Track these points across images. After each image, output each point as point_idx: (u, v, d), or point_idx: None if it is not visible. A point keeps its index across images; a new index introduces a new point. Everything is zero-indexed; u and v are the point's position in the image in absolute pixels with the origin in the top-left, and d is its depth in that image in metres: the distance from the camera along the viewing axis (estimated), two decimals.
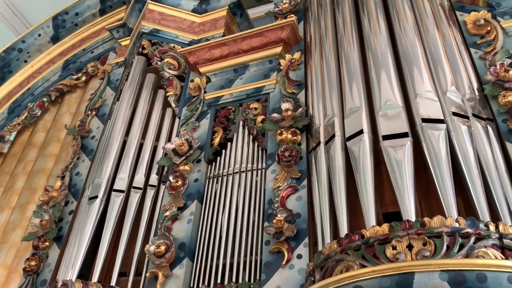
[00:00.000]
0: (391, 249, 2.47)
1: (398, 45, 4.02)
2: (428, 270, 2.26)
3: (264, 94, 4.50)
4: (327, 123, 3.72)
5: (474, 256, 2.30)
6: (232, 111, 4.58)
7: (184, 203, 3.98)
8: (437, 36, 3.93)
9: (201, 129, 4.54)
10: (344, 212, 3.10)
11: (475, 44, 3.85)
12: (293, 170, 3.68)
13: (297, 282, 3.11)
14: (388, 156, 3.16)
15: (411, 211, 2.85)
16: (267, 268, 3.27)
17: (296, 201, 3.52)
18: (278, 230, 3.31)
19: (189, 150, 4.27)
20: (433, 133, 3.18)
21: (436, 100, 3.40)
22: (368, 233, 2.58)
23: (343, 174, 3.29)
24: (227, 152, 4.29)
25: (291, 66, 4.55)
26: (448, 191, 2.92)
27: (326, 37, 4.51)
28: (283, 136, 3.86)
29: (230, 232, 3.66)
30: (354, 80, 3.84)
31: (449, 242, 2.36)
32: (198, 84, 4.92)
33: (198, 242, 3.77)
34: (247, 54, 4.79)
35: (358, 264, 2.51)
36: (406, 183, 2.99)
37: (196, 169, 4.23)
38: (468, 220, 2.45)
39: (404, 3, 4.34)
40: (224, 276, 3.46)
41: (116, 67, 5.96)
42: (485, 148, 3.11)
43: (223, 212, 3.84)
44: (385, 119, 3.39)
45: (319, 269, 2.77)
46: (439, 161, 3.04)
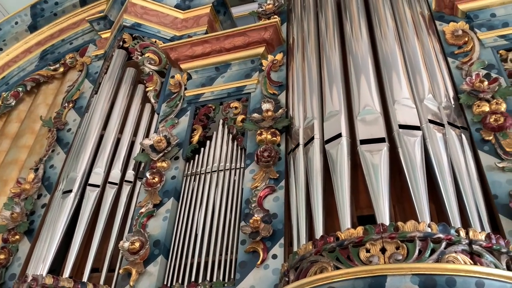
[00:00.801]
0: (365, 252, 2.50)
1: (378, 50, 4.10)
2: (400, 274, 2.30)
3: (245, 93, 4.51)
4: (307, 125, 3.76)
5: (445, 261, 2.35)
6: (212, 109, 4.57)
7: (160, 200, 3.95)
8: (416, 44, 4.01)
9: (180, 126, 4.52)
10: (320, 214, 3.14)
11: (453, 54, 3.95)
12: (272, 171, 3.71)
13: (271, 282, 3.14)
14: (365, 160, 3.22)
15: (385, 214, 2.92)
16: (242, 267, 3.28)
17: (273, 202, 3.54)
18: (254, 230, 3.33)
19: (167, 147, 4.23)
20: (409, 139, 3.26)
21: (413, 107, 3.48)
22: (343, 236, 2.61)
23: (320, 176, 3.34)
24: (206, 150, 4.28)
25: (273, 67, 4.57)
26: (421, 196, 2.99)
27: (308, 40, 4.55)
28: (262, 137, 3.88)
29: (206, 231, 3.66)
30: (335, 84, 3.89)
31: (421, 247, 2.41)
32: (178, 80, 4.89)
33: (173, 239, 3.75)
34: (229, 53, 4.78)
35: (332, 266, 2.53)
36: (382, 187, 3.05)
37: (174, 166, 4.20)
38: (440, 225, 2.50)
39: (386, 9, 4.42)
40: (199, 275, 3.46)
41: (95, 59, 5.86)
42: (458, 156, 3.20)
43: (199, 210, 3.83)
44: (363, 123, 3.45)
45: (294, 270, 2.79)
46: (414, 167, 3.12)
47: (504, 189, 3.02)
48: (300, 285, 2.61)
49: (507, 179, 3.07)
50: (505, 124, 3.28)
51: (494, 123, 3.30)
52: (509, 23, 3.92)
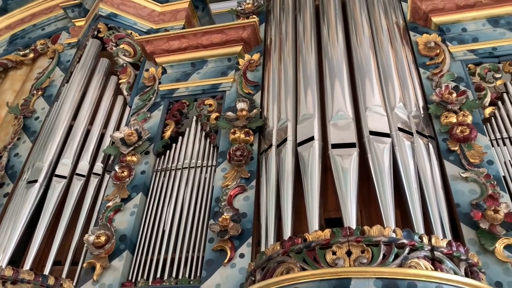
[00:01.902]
0: (331, 254, 2.54)
1: (353, 56, 4.18)
2: (364, 277, 2.35)
3: (220, 91, 4.50)
4: (280, 127, 3.79)
5: (407, 266, 2.42)
6: (186, 105, 4.54)
7: (129, 195, 3.90)
8: (390, 53, 4.11)
9: (153, 121, 4.46)
10: (289, 215, 3.18)
11: (424, 64, 4.06)
12: (243, 170, 3.72)
13: (237, 281, 3.15)
14: (335, 164, 3.27)
15: (352, 218, 2.98)
16: (208, 265, 3.28)
17: (243, 201, 3.55)
18: (223, 228, 3.33)
19: (138, 141, 4.18)
20: (379, 146, 3.34)
21: (384, 115, 3.57)
22: (311, 237, 2.65)
23: (291, 177, 3.37)
24: (178, 146, 4.25)
25: (249, 66, 4.57)
26: (388, 202, 3.07)
27: (286, 42, 4.58)
28: (236, 136, 3.88)
29: (174, 227, 3.63)
30: (310, 87, 3.94)
31: (386, 251, 2.47)
32: (153, 74, 4.83)
33: (140, 235, 3.71)
34: (206, 50, 4.76)
35: (298, 266, 2.56)
36: (350, 191, 3.12)
37: (144, 161, 4.15)
38: (405, 231, 2.57)
39: (362, 17, 4.50)
40: (164, 271, 3.43)
41: (68, 47, 5.71)
42: (425, 164, 3.30)
43: (168, 206, 3.80)
44: (335, 128, 3.51)
45: (260, 270, 2.80)
46: (382, 173, 3.19)
47: (466, 198, 3.14)
48: (266, 285, 2.63)
49: (470, 189, 3.19)
50: (471, 135, 3.40)
51: (460, 134, 3.42)
52: (479, 39, 4.06)
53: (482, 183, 3.17)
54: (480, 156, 3.32)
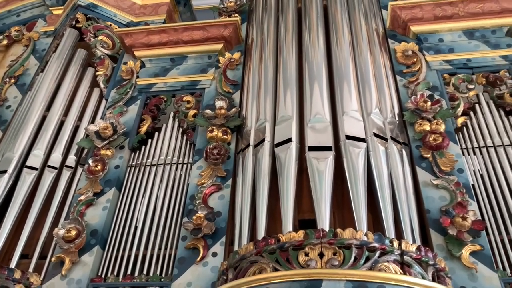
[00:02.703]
0: (303, 255, 2.57)
1: (333, 60, 4.23)
2: (335, 279, 2.39)
3: (199, 88, 4.48)
4: (259, 127, 3.81)
5: (377, 269, 2.46)
6: (164, 100, 4.50)
7: (102, 189, 3.83)
8: (369, 59, 4.18)
9: (129, 115, 4.40)
10: (263, 215, 3.20)
11: (401, 72, 4.14)
12: (220, 169, 3.71)
13: (209, 280, 3.14)
14: (311, 166, 3.31)
15: (326, 220, 3.02)
16: (180, 263, 3.26)
17: (218, 200, 3.55)
18: (196, 226, 3.32)
19: (113, 135, 4.12)
20: (354, 150, 3.39)
21: (360, 120, 3.63)
22: (284, 238, 2.67)
23: (267, 178, 3.39)
24: (154, 142, 4.20)
25: (229, 65, 4.57)
26: (361, 205, 3.13)
27: (267, 42, 4.60)
28: (213, 134, 3.87)
29: (147, 224, 3.59)
30: (289, 88, 3.97)
31: (357, 254, 2.51)
32: (131, 67, 4.77)
33: (111, 230, 3.65)
34: (186, 46, 4.73)
35: (271, 267, 2.58)
36: (325, 193, 3.16)
37: (118, 155, 4.09)
38: (376, 235, 2.62)
39: (343, 22, 4.56)
40: (135, 268, 3.39)
41: (44, 36, 5.57)
42: (398, 170, 3.37)
43: (141, 202, 3.75)
44: (312, 131, 3.55)
45: (233, 269, 2.81)
46: (357, 177, 3.25)
47: (436, 204, 3.22)
48: (238, 284, 2.63)
49: (440, 195, 3.27)
50: (443, 144, 3.49)
51: (433, 142, 3.50)
52: (455, 49, 4.17)
53: (452, 191, 3.26)
54: (451, 164, 3.41)
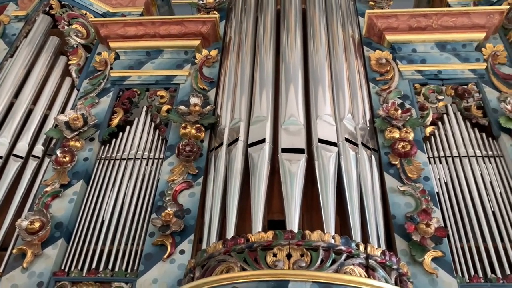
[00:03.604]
0: (271, 256, 2.58)
1: (309, 63, 4.29)
2: (302, 280, 2.41)
3: (174, 83, 4.44)
4: (233, 126, 3.81)
5: (343, 272, 2.50)
6: (137, 94, 4.43)
7: (69, 181, 3.75)
8: (344, 64, 4.25)
9: (100, 106, 4.32)
10: (234, 214, 3.21)
11: (375, 80, 4.23)
12: (191, 166, 3.69)
13: (175, 277, 3.12)
14: (284, 168, 3.34)
15: (295, 222, 3.06)
16: (147, 259, 3.23)
17: (188, 197, 3.53)
18: (165, 223, 3.29)
19: (84, 126, 4.03)
20: (326, 154, 3.45)
21: (333, 124, 3.69)
22: (253, 238, 2.68)
23: (239, 177, 3.40)
24: (125, 136, 4.13)
25: (206, 62, 4.55)
26: (330, 208, 3.18)
27: (245, 41, 4.61)
28: (186, 130, 3.85)
29: (114, 218, 3.53)
30: (265, 89, 3.99)
31: (324, 256, 2.55)
32: (105, 58, 4.68)
33: (77, 223, 3.58)
34: (163, 40, 4.68)
35: (239, 266, 2.58)
36: (295, 195, 3.19)
37: (88, 148, 4.01)
38: (343, 238, 2.66)
39: (321, 26, 4.63)
40: (100, 262, 3.34)
41: (14, 20, 5.37)
42: (366, 175, 3.44)
43: (109, 196, 3.69)
44: (286, 133, 3.59)
45: (200, 267, 2.80)
46: (327, 180, 3.30)
47: (402, 210, 3.31)
48: (204, 282, 2.62)
49: (406, 202, 3.36)
50: (411, 152, 3.58)
51: (401, 150, 3.60)
52: (427, 60, 4.29)
53: (418, 198, 3.36)
54: (418, 172, 3.51)
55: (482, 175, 3.58)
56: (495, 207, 3.39)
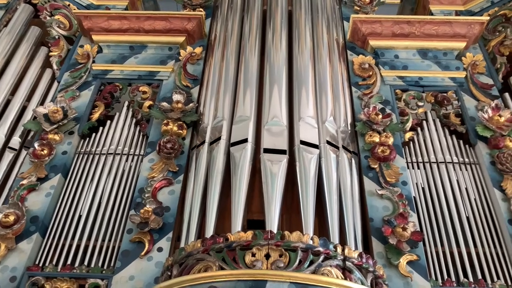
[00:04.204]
0: (250, 255, 2.59)
1: (294, 64, 4.32)
2: (280, 280, 2.43)
3: (157, 79, 4.40)
4: (216, 125, 3.81)
5: (320, 273, 2.53)
6: (119, 88, 4.38)
7: (46, 175, 3.68)
8: (327, 67, 4.29)
9: (81, 100, 4.25)
10: (214, 213, 3.20)
11: (357, 84, 4.29)
12: (172, 163, 3.67)
13: (153, 275, 3.10)
14: (265, 168, 3.36)
15: (274, 222, 3.07)
16: (124, 256, 3.20)
17: (168, 195, 3.51)
18: (143, 220, 3.26)
19: (63, 119, 3.96)
20: (307, 156, 3.47)
21: (315, 127, 3.72)
22: (233, 238, 2.68)
23: (220, 176, 3.40)
24: (105, 130, 4.07)
25: (190, 59, 4.53)
26: (309, 210, 3.20)
27: (230, 40, 4.60)
28: (168, 127, 3.83)
29: (92, 214, 3.48)
30: (249, 88, 4.00)
31: (302, 257, 2.57)
32: (87, 51, 4.61)
33: (53, 218, 3.51)
34: (147, 35, 4.63)
35: (217, 265, 2.59)
36: (276, 195, 3.21)
37: (67, 141, 3.94)
38: (321, 239, 2.69)
39: (306, 28, 4.66)
40: (76, 258, 3.28)
41: None
42: (346, 178, 3.48)
43: (88, 191, 3.63)
44: (269, 133, 3.60)
45: (178, 265, 2.79)
46: (307, 182, 3.33)
47: (380, 214, 3.36)
48: (182, 281, 2.62)
49: (383, 205, 3.42)
50: (390, 156, 3.64)
51: (381, 154, 3.65)
52: (408, 67, 4.37)
53: (395, 202, 3.41)
54: (396, 176, 3.57)
55: (458, 181, 3.67)
56: (469, 213, 3.48)
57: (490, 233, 3.39)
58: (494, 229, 3.41)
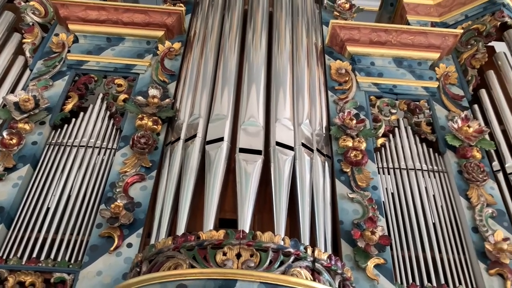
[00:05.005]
0: (221, 254, 2.60)
1: (272, 65, 4.35)
2: (250, 280, 2.44)
3: (133, 73, 4.34)
4: (191, 122, 3.79)
5: (290, 274, 2.56)
6: (94, 80, 4.29)
7: (14, 165, 3.57)
8: (305, 70, 4.33)
9: (54, 90, 4.15)
10: (186, 211, 3.19)
11: (333, 88, 4.34)
12: (145, 159, 3.63)
13: (121, 270, 3.06)
14: (240, 168, 3.36)
15: (247, 222, 3.08)
16: (92, 251, 3.14)
17: (140, 190, 3.46)
18: (114, 215, 3.22)
19: (35, 109, 3.85)
20: (282, 157, 3.50)
21: (291, 129, 3.76)
22: (204, 236, 2.67)
23: (194, 174, 3.38)
24: (78, 122, 3.99)
25: (168, 54, 4.49)
26: (282, 211, 3.23)
27: (210, 37, 4.59)
28: (143, 122, 3.78)
29: (60, 207, 3.41)
30: (227, 87, 4.00)
31: (273, 258, 2.59)
32: (63, 40, 4.51)
33: (20, 209, 3.42)
34: (126, 27, 4.56)
35: (188, 263, 2.58)
36: (249, 195, 3.22)
37: (37, 131, 3.84)
38: (292, 241, 2.72)
39: (286, 30, 4.70)
40: (42, 251, 3.21)
41: None
42: (319, 181, 3.52)
43: (57, 183, 3.55)
44: (245, 133, 3.61)
45: (148, 262, 2.77)
46: (281, 183, 3.35)
47: (350, 217, 3.42)
48: (151, 278, 2.60)
49: (354, 209, 3.48)
50: (362, 161, 3.71)
51: (353, 158, 3.71)
52: (383, 74, 4.46)
53: (365, 206, 3.48)
54: (367, 181, 3.64)
55: (426, 188, 3.77)
56: (435, 219, 3.59)
57: (454, 239, 3.50)
58: (458, 236, 3.53)
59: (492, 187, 3.74)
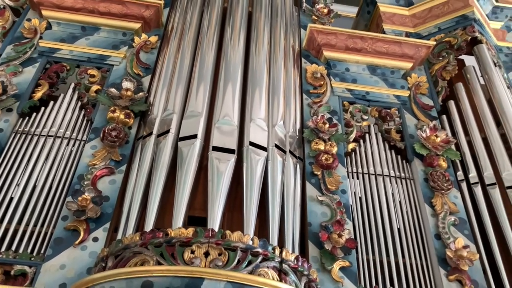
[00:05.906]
0: (189, 252, 2.59)
1: (249, 65, 4.35)
2: (217, 279, 2.44)
3: (107, 64, 4.26)
4: (165, 117, 3.75)
5: (257, 273, 2.58)
6: (66, 69, 4.18)
7: None
8: (282, 72, 4.36)
9: (24, 76, 4.02)
10: (155, 207, 3.15)
11: (308, 92, 4.39)
12: (115, 152, 3.57)
13: (85, 264, 3.00)
14: (212, 166, 3.35)
15: (217, 221, 3.08)
16: (56, 244, 3.07)
17: (108, 184, 3.41)
18: (81, 208, 3.15)
19: (2, 95, 3.72)
20: (255, 157, 3.52)
21: (265, 129, 3.78)
22: (173, 233, 2.66)
23: (165, 170, 3.35)
24: (47, 111, 3.88)
25: (144, 47, 4.42)
26: (252, 210, 3.24)
27: (188, 32, 4.55)
28: (115, 115, 3.72)
29: (25, 197, 3.30)
30: (203, 84, 3.98)
31: (241, 257, 2.60)
32: (35, 26, 4.37)
33: None
34: (102, 17, 4.46)
35: (155, 260, 2.56)
36: (220, 194, 3.22)
37: (4, 119, 3.72)
38: (261, 241, 2.73)
39: (265, 31, 4.71)
40: (3, 243, 3.10)
41: None
42: (290, 182, 3.56)
43: (22, 173, 3.45)
44: (219, 132, 3.60)
45: (114, 257, 2.73)
46: (253, 183, 3.37)
47: (318, 219, 3.47)
48: (117, 273, 2.56)
49: (322, 211, 3.53)
50: (333, 164, 3.77)
51: (324, 161, 3.77)
52: (357, 81, 4.54)
53: (334, 209, 3.53)
54: (337, 184, 3.69)
55: (393, 194, 3.87)
56: (400, 224, 3.68)
57: (417, 245, 3.60)
58: (421, 242, 3.63)
59: (456, 196, 3.86)
